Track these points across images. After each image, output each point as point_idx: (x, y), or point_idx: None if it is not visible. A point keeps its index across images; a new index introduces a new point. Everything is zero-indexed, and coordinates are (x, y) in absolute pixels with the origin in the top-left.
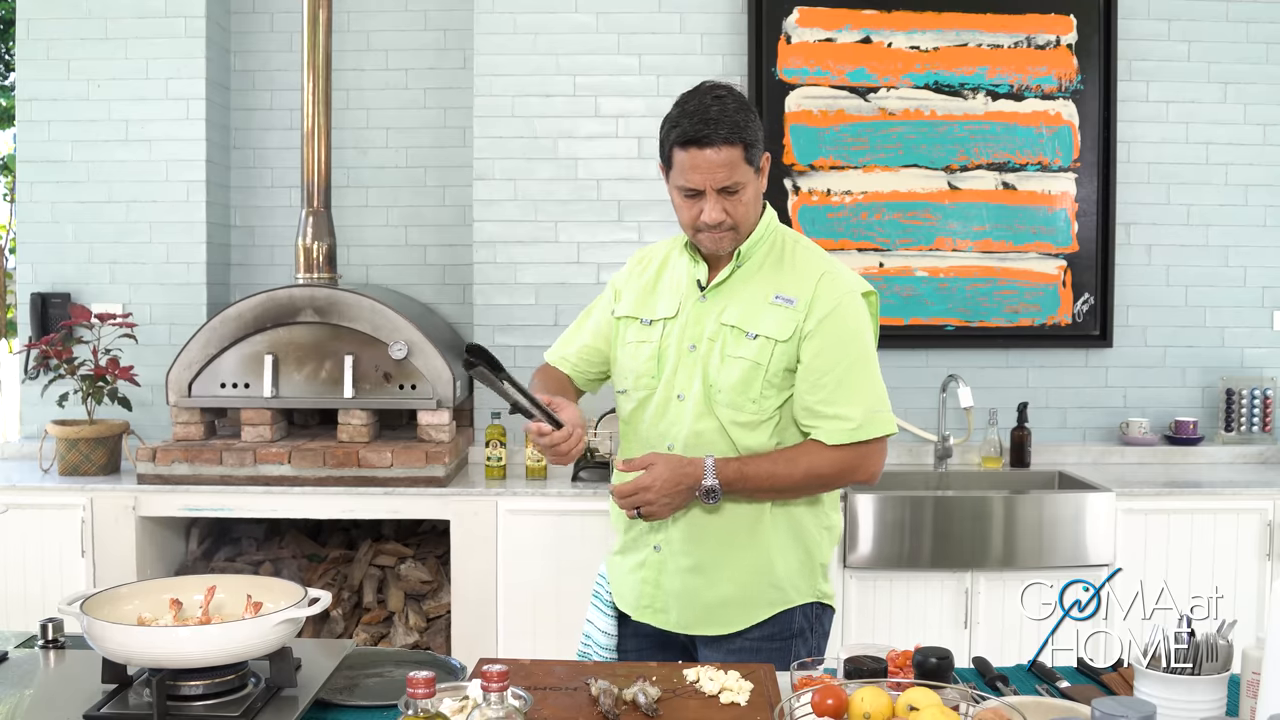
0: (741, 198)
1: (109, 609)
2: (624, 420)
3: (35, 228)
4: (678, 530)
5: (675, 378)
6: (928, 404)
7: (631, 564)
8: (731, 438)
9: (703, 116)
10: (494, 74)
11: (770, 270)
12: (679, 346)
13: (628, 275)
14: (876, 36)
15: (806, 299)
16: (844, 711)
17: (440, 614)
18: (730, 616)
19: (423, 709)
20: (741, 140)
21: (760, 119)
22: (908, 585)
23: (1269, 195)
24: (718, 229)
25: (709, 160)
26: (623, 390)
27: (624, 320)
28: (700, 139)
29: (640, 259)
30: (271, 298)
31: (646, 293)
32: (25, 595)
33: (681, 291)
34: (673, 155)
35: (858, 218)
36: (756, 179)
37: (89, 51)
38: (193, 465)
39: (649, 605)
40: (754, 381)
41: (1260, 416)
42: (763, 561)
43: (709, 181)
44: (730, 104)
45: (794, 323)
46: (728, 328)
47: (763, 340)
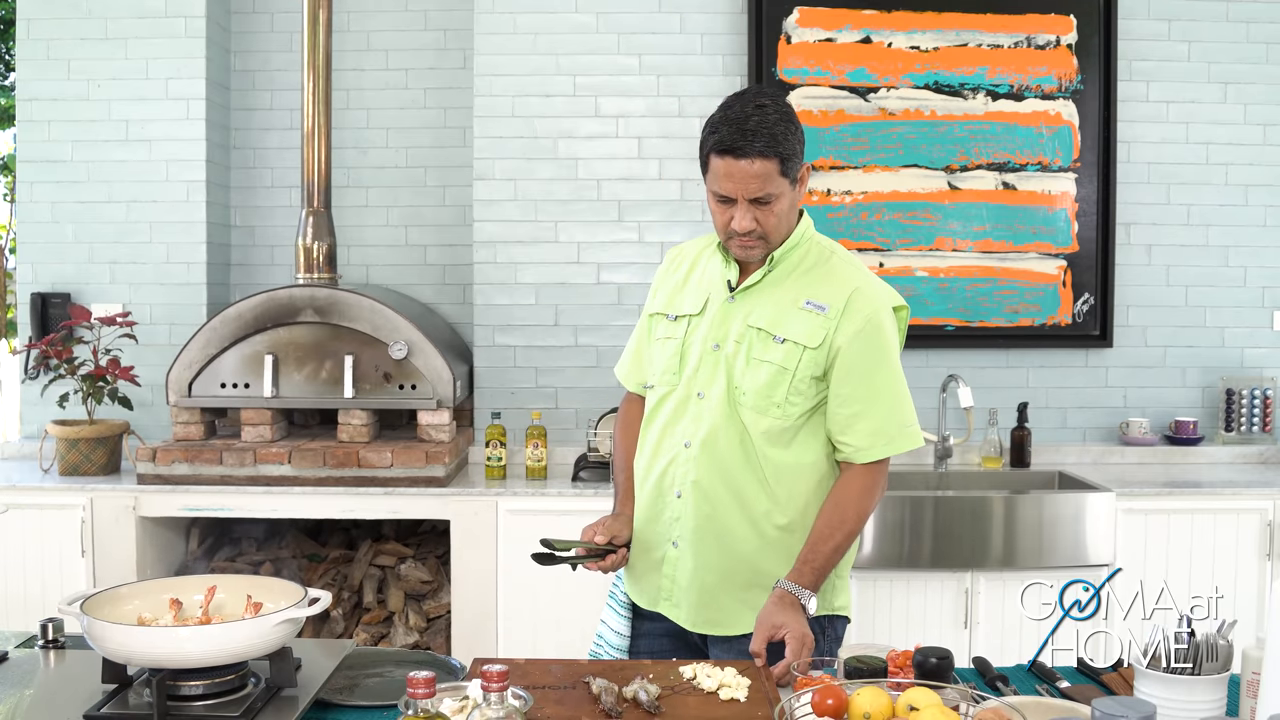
0: (774, 209)
1: (109, 609)
2: (647, 417)
3: (35, 228)
4: (694, 531)
5: (697, 375)
6: (928, 404)
7: (653, 559)
8: (753, 442)
9: (741, 126)
10: (494, 74)
11: (803, 276)
12: (703, 344)
13: (663, 272)
14: (876, 36)
15: (839, 308)
16: (844, 711)
17: (440, 614)
18: (740, 617)
19: (423, 709)
20: (777, 154)
21: (798, 128)
22: (908, 585)
23: (1269, 195)
24: (748, 237)
25: (742, 171)
26: (650, 385)
27: (655, 316)
28: (735, 149)
29: (675, 255)
30: (271, 298)
31: (677, 289)
32: (25, 595)
33: (709, 290)
34: (709, 161)
35: (858, 218)
36: (792, 191)
37: (89, 51)
38: (193, 465)
39: (667, 599)
40: (780, 385)
41: (1260, 416)
42: (776, 573)
43: (741, 191)
44: (771, 115)
45: (824, 330)
46: (755, 330)
47: (790, 345)
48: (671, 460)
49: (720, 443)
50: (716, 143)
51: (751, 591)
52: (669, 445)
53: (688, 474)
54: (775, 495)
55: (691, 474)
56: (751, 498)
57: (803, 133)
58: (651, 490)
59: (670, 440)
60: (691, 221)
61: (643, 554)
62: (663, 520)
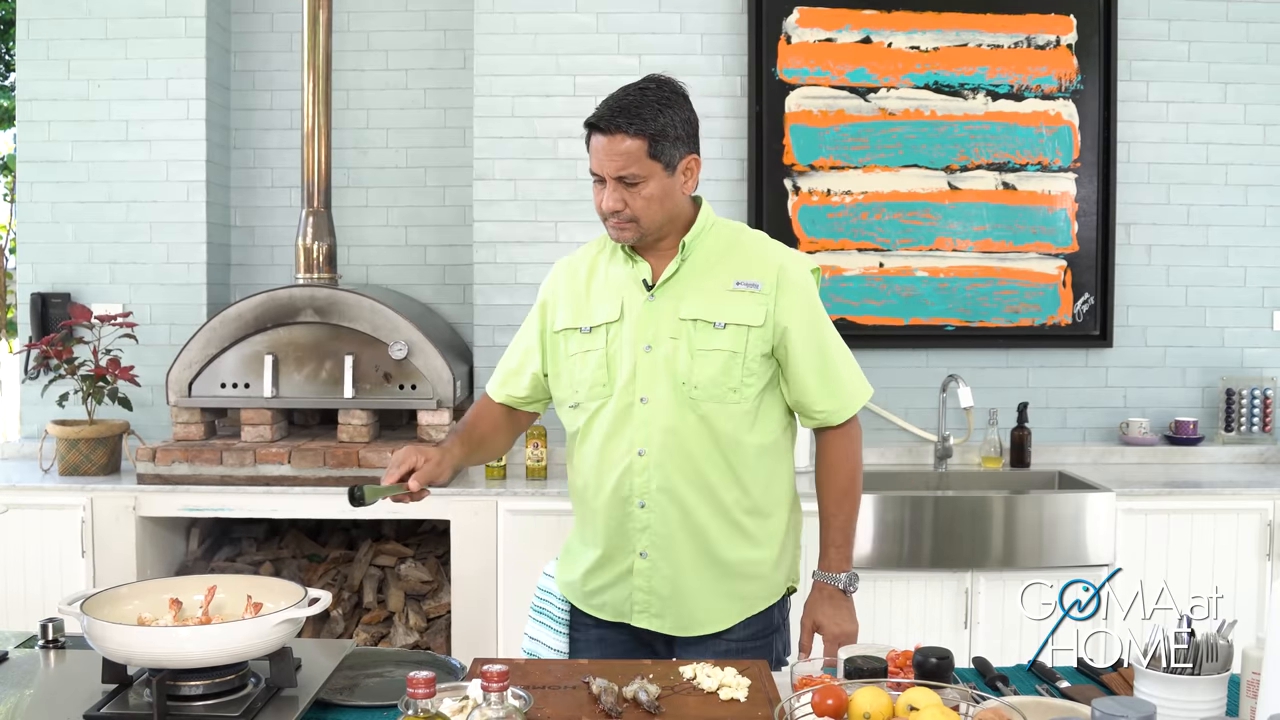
0: (641, 191)
1: (109, 609)
2: (575, 435)
3: (35, 228)
4: (667, 539)
5: (634, 382)
6: (928, 404)
7: (617, 572)
8: (720, 434)
9: (616, 104)
10: (494, 74)
11: (721, 259)
12: (633, 349)
13: (557, 287)
14: (876, 36)
15: (772, 283)
16: (844, 711)
17: (440, 614)
18: (726, 611)
19: (423, 709)
20: (644, 133)
21: (683, 114)
22: (908, 585)
23: (1269, 195)
24: (617, 218)
25: (606, 148)
26: (574, 405)
27: (564, 333)
28: (601, 125)
29: (566, 267)
30: (271, 298)
31: (580, 300)
32: (25, 595)
33: (622, 293)
34: (588, 138)
35: (858, 218)
36: (667, 176)
37: (89, 51)
38: (193, 465)
39: (644, 610)
40: (733, 371)
41: (1260, 416)
42: (748, 557)
43: (606, 169)
44: (651, 96)
45: (764, 307)
46: (690, 322)
47: (734, 328)
48: (626, 470)
49: (682, 443)
50: (589, 118)
51: (731, 582)
52: (616, 456)
53: (649, 481)
54: (743, 482)
55: (654, 480)
56: (721, 490)
57: (690, 123)
58: (608, 504)
59: (615, 451)
60: None
61: (602, 568)
62: (625, 532)
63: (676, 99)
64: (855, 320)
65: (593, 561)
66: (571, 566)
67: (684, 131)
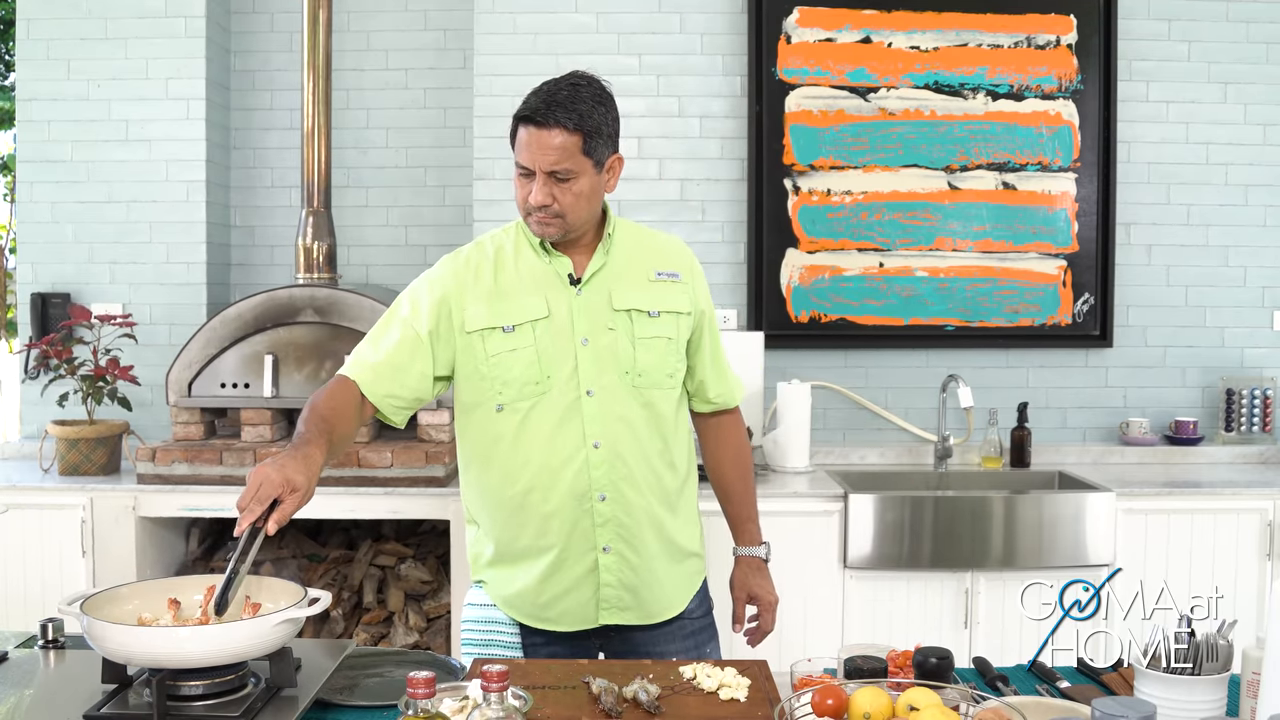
0: (572, 187)
1: (109, 609)
2: (495, 439)
3: (35, 228)
4: (631, 529)
5: (576, 375)
6: (928, 404)
7: (577, 574)
8: (658, 413)
9: (549, 98)
10: (494, 74)
11: (635, 252)
12: (569, 343)
13: (460, 284)
14: (876, 36)
15: (687, 271)
16: (844, 711)
17: (440, 614)
18: (680, 592)
19: (423, 709)
20: (580, 128)
21: (613, 113)
22: (908, 585)
23: (1269, 195)
24: (544, 213)
25: (541, 141)
26: (498, 407)
27: (480, 334)
28: (537, 118)
29: (465, 265)
30: (271, 298)
31: (490, 299)
32: (25, 595)
33: (543, 289)
34: (515, 131)
35: (858, 218)
36: (596, 173)
37: (89, 51)
38: (193, 465)
39: (612, 605)
40: (669, 356)
41: (1260, 416)
42: (684, 532)
43: (539, 162)
44: (584, 92)
45: (688, 295)
46: (626, 313)
47: (667, 316)
48: (583, 465)
49: (634, 431)
50: (521, 110)
51: (683, 561)
52: (567, 452)
53: (608, 473)
54: (674, 463)
55: (615, 471)
56: (663, 472)
57: (617, 122)
58: (562, 503)
59: (565, 448)
60: (692, 221)
61: (558, 572)
62: (584, 529)
63: (606, 97)
64: (855, 320)
65: (545, 567)
66: (510, 581)
67: (613, 130)
